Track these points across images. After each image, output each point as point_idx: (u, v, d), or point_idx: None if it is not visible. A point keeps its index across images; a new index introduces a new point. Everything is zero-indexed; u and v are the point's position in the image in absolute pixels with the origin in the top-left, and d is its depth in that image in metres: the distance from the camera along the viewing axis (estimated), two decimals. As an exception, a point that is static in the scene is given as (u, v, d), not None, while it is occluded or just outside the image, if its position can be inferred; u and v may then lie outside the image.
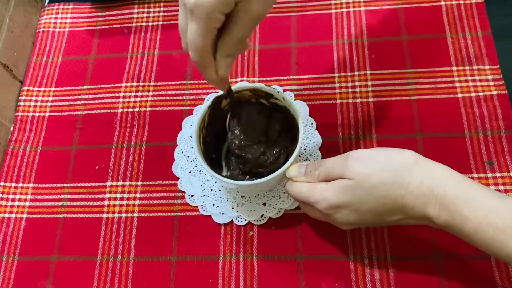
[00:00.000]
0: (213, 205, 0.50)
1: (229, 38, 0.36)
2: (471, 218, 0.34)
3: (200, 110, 0.46)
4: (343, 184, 0.38)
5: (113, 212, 0.52)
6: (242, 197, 0.50)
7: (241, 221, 0.49)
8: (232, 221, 0.49)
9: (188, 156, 0.53)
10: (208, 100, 0.57)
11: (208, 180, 0.52)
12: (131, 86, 0.59)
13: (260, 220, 0.49)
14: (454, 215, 0.34)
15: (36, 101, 0.60)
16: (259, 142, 0.47)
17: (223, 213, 0.50)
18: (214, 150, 0.49)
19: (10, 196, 0.54)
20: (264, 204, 0.49)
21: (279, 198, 0.49)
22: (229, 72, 0.38)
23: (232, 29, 0.36)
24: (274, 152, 0.47)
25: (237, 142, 0.46)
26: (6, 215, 0.53)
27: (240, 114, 0.47)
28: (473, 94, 0.53)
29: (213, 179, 0.51)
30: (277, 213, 0.49)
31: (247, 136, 0.47)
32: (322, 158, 0.51)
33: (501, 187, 0.48)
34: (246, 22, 0.36)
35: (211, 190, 0.51)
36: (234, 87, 0.46)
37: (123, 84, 0.59)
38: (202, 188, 0.51)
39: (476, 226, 0.34)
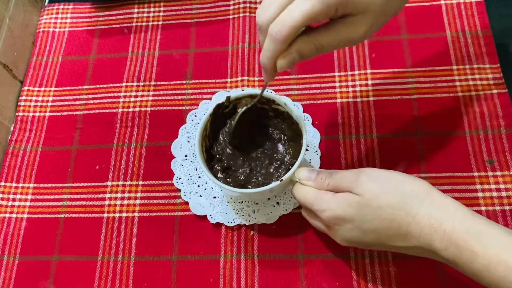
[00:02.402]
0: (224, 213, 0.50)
1: (314, 39, 0.35)
2: (481, 255, 0.32)
3: (202, 119, 0.46)
4: (350, 198, 0.38)
5: (114, 212, 0.52)
6: (256, 203, 0.50)
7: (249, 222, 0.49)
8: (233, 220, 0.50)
9: (192, 162, 0.53)
10: (203, 105, 0.57)
11: (212, 188, 0.52)
12: (132, 86, 0.59)
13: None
14: (463, 251, 0.33)
15: (36, 101, 0.60)
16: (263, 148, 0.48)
17: (233, 220, 0.49)
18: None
19: (11, 196, 0.54)
20: (278, 203, 0.49)
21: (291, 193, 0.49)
22: (287, 69, 0.36)
23: (323, 34, 0.35)
24: (277, 156, 0.47)
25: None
26: (7, 215, 0.53)
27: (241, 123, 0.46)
28: (473, 93, 0.53)
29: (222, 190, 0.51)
30: (292, 209, 0.49)
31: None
32: (321, 157, 0.51)
33: (502, 186, 0.48)
34: (342, 39, 0.35)
35: (221, 200, 0.51)
36: (235, 94, 0.46)
37: (124, 84, 0.59)
38: (209, 198, 0.51)
39: (486, 264, 0.32)
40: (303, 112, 0.54)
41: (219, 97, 0.56)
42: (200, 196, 0.51)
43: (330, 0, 0.32)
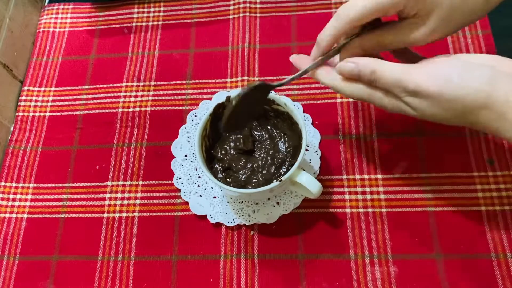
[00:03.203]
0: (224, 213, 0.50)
1: (378, 35, 0.38)
2: None
3: (202, 119, 0.46)
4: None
5: (114, 212, 0.52)
6: (256, 203, 0.50)
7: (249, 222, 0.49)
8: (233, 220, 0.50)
9: (192, 161, 0.53)
10: (203, 105, 0.57)
11: (212, 188, 0.52)
12: (132, 86, 0.59)
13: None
14: None
15: (36, 101, 0.60)
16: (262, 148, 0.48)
17: (233, 220, 0.49)
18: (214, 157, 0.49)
19: (11, 196, 0.54)
20: (278, 203, 0.49)
21: (291, 194, 0.49)
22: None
23: (387, 31, 0.37)
24: (277, 156, 0.47)
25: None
26: (7, 215, 0.53)
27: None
28: (473, 93, 0.52)
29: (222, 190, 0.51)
30: (292, 209, 0.49)
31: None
32: (321, 157, 0.51)
33: (502, 186, 0.48)
34: (404, 39, 0.37)
35: (220, 200, 0.51)
36: (236, 93, 0.46)
37: (124, 84, 0.59)
38: (209, 199, 0.51)
39: None
40: (303, 112, 0.54)
41: (219, 97, 0.56)
42: (200, 196, 0.51)
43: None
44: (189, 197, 0.51)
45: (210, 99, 0.57)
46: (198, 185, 0.51)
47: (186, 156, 0.53)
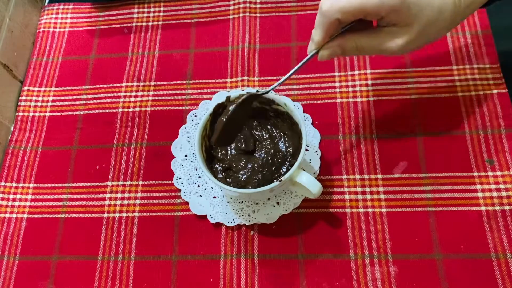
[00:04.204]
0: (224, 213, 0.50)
1: (356, 39, 0.39)
2: None
3: (202, 119, 0.46)
4: None
5: (114, 212, 0.52)
6: (256, 203, 0.50)
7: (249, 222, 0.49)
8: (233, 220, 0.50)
9: (192, 161, 0.53)
10: (203, 105, 0.57)
11: (213, 188, 0.52)
12: (132, 86, 0.59)
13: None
14: None
15: (36, 101, 0.60)
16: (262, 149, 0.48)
17: (233, 220, 0.49)
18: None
19: (11, 196, 0.54)
20: (278, 203, 0.49)
21: (291, 194, 0.49)
22: (327, 59, 0.41)
23: (366, 36, 0.39)
24: (278, 156, 0.47)
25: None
26: (7, 215, 0.53)
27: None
28: (473, 93, 0.53)
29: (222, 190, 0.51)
30: (292, 209, 0.49)
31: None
32: (321, 157, 0.51)
33: (502, 186, 0.48)
34: (381, 45, 0.39)
35: (220, 200, 0.51)
36: (235, 94, 0.46)
37: (124, 84, 0.59)
38: (209, 198, 0.51)
39: None
40: (303, 112, 0.54)
41: (219, 97, 0.56)
42: (200, 196, 0.51)
43: (386, 0, 0.35)
44: (189, 197, 0.51)
45: (210, 99, 0.57)
46: (198, 185, 0.51)
47: (186, 156, 0.53)
